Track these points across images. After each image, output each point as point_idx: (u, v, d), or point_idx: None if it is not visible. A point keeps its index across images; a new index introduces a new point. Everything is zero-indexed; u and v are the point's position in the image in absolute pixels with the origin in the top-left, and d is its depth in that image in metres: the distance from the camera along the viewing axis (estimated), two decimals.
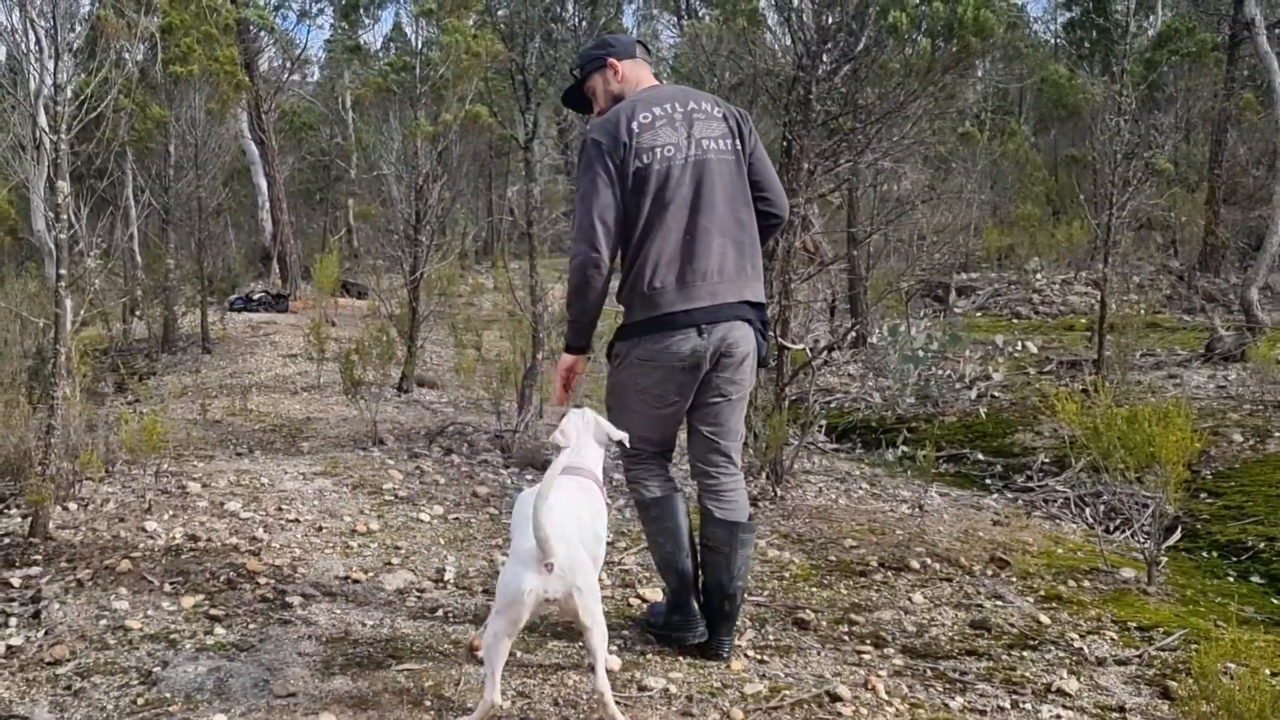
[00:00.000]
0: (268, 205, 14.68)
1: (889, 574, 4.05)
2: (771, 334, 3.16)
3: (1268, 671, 3.09)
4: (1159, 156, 8.66)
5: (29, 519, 4.05)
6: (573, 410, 3.12)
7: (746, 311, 3.07)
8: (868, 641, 3.36)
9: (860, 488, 5.53)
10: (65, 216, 3.93)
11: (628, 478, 3.29)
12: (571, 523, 2.73)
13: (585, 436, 3.05)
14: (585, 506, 2.89)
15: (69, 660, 3.02)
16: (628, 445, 3.07)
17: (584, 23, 9.75)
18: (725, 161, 3.08)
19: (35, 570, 3.69)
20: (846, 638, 3.40)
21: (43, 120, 5.45)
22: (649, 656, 3.17)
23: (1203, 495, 5.27)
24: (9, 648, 3.10)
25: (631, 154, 2.98)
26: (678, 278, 2.99)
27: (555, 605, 2.65)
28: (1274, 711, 2.58)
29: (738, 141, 3.13)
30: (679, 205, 3.00)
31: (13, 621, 3.29)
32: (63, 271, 4.00)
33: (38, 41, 4.20)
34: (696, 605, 3.17)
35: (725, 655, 3.15)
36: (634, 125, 3.01)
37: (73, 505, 4.43)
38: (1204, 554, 4.71)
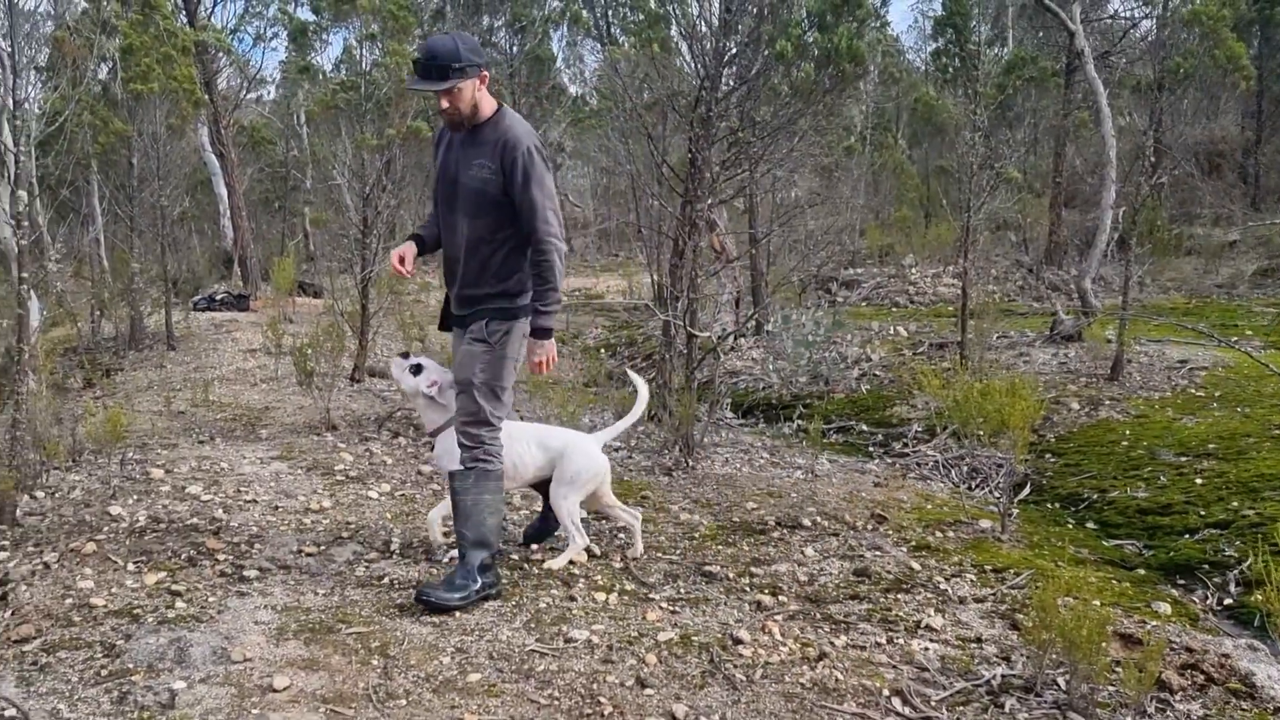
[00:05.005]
0: (229, 213, 14.20)
1: (785, 531, 4.09)
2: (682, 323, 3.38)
3: (1096, 603, 3.22)
4: (1008, 167, 8.89)
5: None
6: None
7: None
8: (766, 591, 3.39)
9: (761, 457, 5.58)
10: (25, 224, 3.72)
11: (484, 451, 3.19)
12: None
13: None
14: None
15: (35, 638, 2.87)
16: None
17: (514, 48, 9.57)
18: None
19: (2, 555, 3.50)
20: (748, 588, 3.43)
21: (6, 134, 5.12)
22: (574, 611, 3.15)
23: (1047, 455, 5.44)
24: None
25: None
26: None
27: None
28: (1100, 635, 2.68)
29: None
30: None
31: None
32: (24, 275, 3.79)
33: None
34: None
35: None
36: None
37: (40, 493, 4.21)
38: (1049, 505, 4.87)
